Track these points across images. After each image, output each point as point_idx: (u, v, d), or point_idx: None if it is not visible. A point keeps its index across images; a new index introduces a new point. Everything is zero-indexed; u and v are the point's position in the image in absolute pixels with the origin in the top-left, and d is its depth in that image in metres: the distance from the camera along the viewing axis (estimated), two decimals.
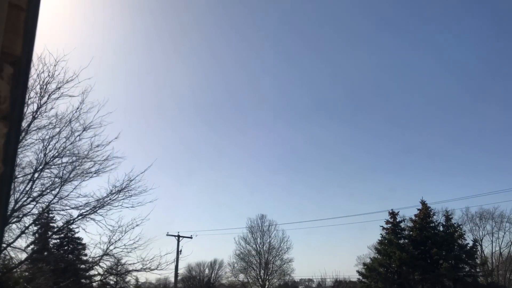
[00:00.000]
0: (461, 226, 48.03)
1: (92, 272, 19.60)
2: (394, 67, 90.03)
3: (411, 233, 46.36)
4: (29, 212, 16.06)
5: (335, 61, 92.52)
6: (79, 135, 16.50)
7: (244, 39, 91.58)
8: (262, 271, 64.15)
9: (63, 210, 16.79)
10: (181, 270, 59.65)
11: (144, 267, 18.02)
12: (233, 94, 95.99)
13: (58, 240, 24.58)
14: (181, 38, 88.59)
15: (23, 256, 17.12)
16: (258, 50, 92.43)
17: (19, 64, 1.54)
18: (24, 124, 14.60)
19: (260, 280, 63.97)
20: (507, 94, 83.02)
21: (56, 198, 16.32)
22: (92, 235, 17.43)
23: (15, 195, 14.94)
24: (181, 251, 49.39)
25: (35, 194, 15.70)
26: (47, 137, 15.79)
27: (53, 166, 16.18)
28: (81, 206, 16.70)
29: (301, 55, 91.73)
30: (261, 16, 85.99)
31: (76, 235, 25.24)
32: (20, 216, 15.68)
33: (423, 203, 46.74)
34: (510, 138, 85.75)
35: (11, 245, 15.72)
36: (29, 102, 14.91)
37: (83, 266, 23.83)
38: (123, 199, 17.40)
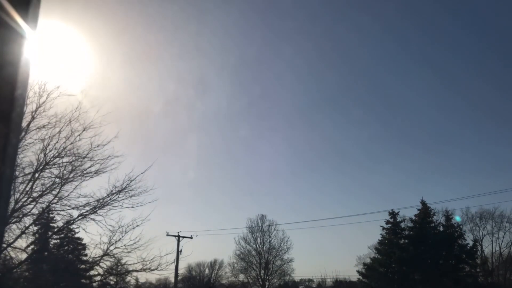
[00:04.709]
0: (461, 226, 48.10)
1: (92, 272, 19.62)
2: (395, 67, 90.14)
3: (411, 233, 46.36)
4: (29, 212, 16.08)
5: (335, 59, 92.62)
6: (79, 135, 16.52)
7: (246, 37, 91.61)
8: (262, 271, 64.17)
9: (63, 210, 16.82)
10: (181, 270, 59.62)
11: (144, 268, 18.05)
12: (232, 94, 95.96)
13: (58, 240, 24.53)
14: (184, 38, 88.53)
15: (23, 256, 17.13)
16: (259, 51, 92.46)
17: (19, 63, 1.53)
18: (24, 123, 14.60)
19: (260, 280, 63.98)
20: (507, 94, 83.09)
21: (56, 198, 16.34)
22: (92, 235, 17.46)
23: (15, 195, 14.94)
24: (181, 251, 49.35)
25: (35, 194, 15.72)
26: (47, 137, 15.81)
27: (53, 166, 16.20)
28: (81, 206, 16.73)
29: (302, 54, 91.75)
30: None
31: (76, 235, 25.21)
32: (20, 216, 15.69)
33: (423, 203, 46.78)
34: (511, 138, 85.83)
35: (11, 245, 15.71)
36: (28, 101, 14.92)
37: (83, 266, 23.80)
38: (123, 199, 17.44)
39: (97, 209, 16.96)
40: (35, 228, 19.56)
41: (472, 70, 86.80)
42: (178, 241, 50.56)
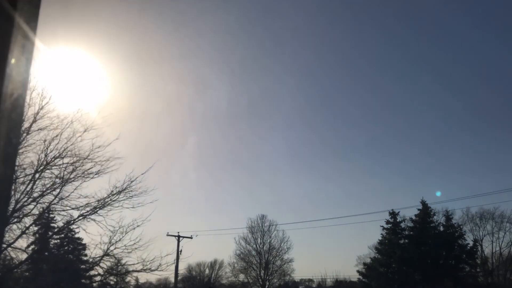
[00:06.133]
0: (461, 226, 48.08)
1: (92, 273, 19.60)
2: (394, 69, 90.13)
3: (411, 233, 46.39)
4: (30, 212, 16.08)
5: (334, 60, 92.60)
6: (80, 136, 16.54)
7: (246, 38, 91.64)
8: (262, 271, 64.16)
9: (63, 210, 16.82)
10: (182, 271, 59.71)
11: (145, 268, 18.04)
12: (232, 94, 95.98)
13: (59, 241, 24.53)
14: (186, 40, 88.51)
15: (24, 256, 17.14)
16: (259, 52, 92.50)
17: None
18: (26, 125, 14.64)
19: (260, 280, 63.97)
20: (508, 94, 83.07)
21: (56, 198, 16.35)
22: (92, 236, 17.45)
23: (16, 196, 14.96)
24: (181, 251, 49.35)
25: (35, 195, 15.73)
26: (48, 137, 15.83)
27: (54, 167, 16.21)
28: (81, 206, 16.73)
29: (301, 54, 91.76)
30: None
31: (77, 236, 25.20)
32: (21, 216, 15.70)
33: (423, 203, 46.78)
34: (511, 138, 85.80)
35: (12, 245, 15.73)
36: (30, 103, 14.97)
37: (83, 266, 23.82)
38: (123, 199, 17.43)
39: (97, 209, 16.97)
40: (36, 228, 19.56)
41: (472, 71, 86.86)
42: (178, 241, 50.55)
